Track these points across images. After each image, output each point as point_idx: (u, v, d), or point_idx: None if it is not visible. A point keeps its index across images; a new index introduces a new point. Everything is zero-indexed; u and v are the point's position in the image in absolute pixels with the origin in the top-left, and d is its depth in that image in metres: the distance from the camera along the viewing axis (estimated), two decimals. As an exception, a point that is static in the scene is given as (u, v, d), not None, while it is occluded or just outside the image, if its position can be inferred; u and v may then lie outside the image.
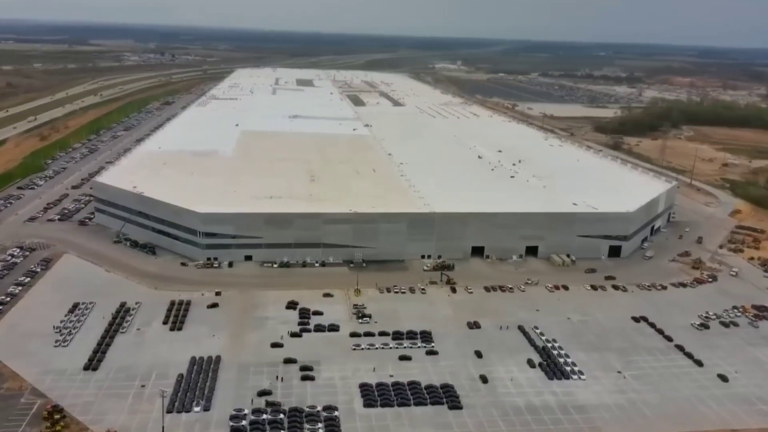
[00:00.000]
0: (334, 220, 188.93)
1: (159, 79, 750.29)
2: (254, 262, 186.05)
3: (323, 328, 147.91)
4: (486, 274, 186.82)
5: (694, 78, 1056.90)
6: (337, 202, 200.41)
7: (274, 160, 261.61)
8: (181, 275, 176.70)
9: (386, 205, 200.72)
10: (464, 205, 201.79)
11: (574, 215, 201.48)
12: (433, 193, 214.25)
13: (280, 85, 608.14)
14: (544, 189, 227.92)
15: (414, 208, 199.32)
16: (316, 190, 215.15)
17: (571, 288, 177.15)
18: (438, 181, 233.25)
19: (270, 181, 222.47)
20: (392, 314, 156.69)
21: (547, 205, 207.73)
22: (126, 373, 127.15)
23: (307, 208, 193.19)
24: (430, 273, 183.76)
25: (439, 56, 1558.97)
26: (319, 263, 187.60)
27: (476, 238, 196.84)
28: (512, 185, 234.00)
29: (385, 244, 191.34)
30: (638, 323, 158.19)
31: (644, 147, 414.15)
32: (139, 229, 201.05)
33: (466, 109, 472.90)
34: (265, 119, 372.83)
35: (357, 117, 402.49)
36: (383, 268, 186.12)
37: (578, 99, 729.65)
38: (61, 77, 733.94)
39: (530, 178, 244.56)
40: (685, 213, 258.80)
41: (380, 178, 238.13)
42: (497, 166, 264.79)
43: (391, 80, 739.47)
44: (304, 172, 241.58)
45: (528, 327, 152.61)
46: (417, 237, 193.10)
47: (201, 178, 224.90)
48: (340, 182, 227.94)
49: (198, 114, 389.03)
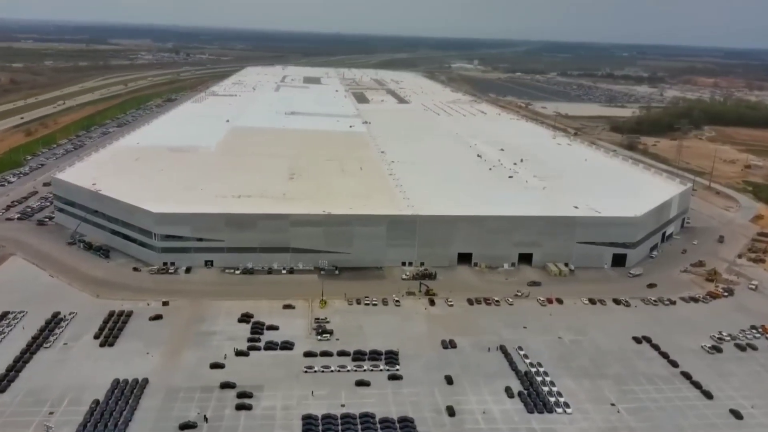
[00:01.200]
0: (303, 222, 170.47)
1: (167, 76, 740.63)
2: (215, 268, 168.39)
3: (275, 345, 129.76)
4: (472, 284, 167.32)
5: (719, 78, 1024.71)
6: (311, 202, 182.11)
7: (256, 156, 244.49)
8: (130, 282, 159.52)
9: (366, 206, 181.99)
10: (453, 208, 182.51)
11: (573, 219, 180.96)
12: (421, 194, 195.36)
13: (286, 83, 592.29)
14: (543, 190, 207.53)
15: (396, 209, 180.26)
16: (293, 189, 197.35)
17: (566, 301, 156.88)
18: (429, 181, 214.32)
19: (245, 179, 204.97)
20: (357, 330, 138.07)
21: (545, 208, 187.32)
22: (36, 397, 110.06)
23: (275, 209, 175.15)
24: (409, 282, 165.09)
25: (458, 56, 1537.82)
26: (286, 270, 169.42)
27: (464, 244, 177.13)
28: (509, 186, 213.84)
29: (361, 249, 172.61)
30: (640, 344, 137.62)
31: (662, 147, 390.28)
32: (95, 230, 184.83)
33: (474, 107, 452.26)
34: (259, 116, 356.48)
35: (357, 114, 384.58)
36: (358, 277, 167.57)
37: (596, 98, 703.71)
38: (70, 74, 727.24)
39: (530, 178, 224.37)
40: (701, 218, 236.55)
41: (366, 177, 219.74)
42: (496, 165, 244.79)
43: (402, 78, 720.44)
44: (285, 169, 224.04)
45: (511, 347, 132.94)
46: (397, 242, 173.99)
47: (170, 174, 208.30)
48: (322, 181, 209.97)
49: (190, 110, 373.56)
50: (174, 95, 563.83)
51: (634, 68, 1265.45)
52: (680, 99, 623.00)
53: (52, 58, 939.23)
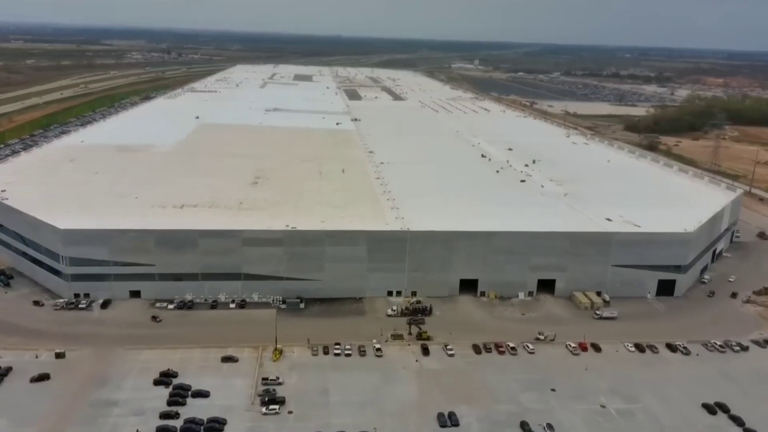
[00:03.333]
0: (259, 241, 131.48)
1: (151, 75, 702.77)
2: (143, 301, 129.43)
3: (197, 426, 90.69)
4: (478, 321, 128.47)
5: (728, 78, 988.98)
6: (274, 213, 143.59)
7: (219, 156, 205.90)
8: (23, 321, 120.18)
9: (343, 218, 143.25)
10: (453, 220, 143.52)
11: (608, 236, 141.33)
12: (413, 202, 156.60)
13: (274, 80, 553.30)
14: (564, 198, 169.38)
15: (381, 222, 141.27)
16: (254, 197, 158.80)
17: (605, 347, 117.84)
18: (424, 186, 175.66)
19: (197, 183, 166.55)
20: (320, 397, 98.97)
21: (569, 221, 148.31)
22: None
23: (224, 223, 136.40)
24: (396, 320, 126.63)
25: (458, 57, 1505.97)
26: (236, 303, 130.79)
27: (467, 268, 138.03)
28: (522, 192, 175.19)
29: (335, 275, 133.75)
30: (714, 416, 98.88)
31: (685, 148, 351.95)
32: (2, 249, 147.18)
33: (476, 104, 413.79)
34: (236, 112, 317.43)
35: (347, 111, 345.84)
36: (329, 312, 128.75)
37: (604, 97, 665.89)
38: (49, 73, 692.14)
39: (546, 182, 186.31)
40: (749, 230, 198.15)
41: (348, 181, 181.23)
42: (504, 167, 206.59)
43: (399, 76, 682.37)
44: (250, 171, 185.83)
45: (535, 423, 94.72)
46: (382, 266, 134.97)
47: (105, 179, 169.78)
48: (292, 186, 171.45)
49: (160, 106, 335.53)
50: (153, 93, 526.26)
51: (638, 68, 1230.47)
52: (695, 97, 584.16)
53: (36, 58, 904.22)
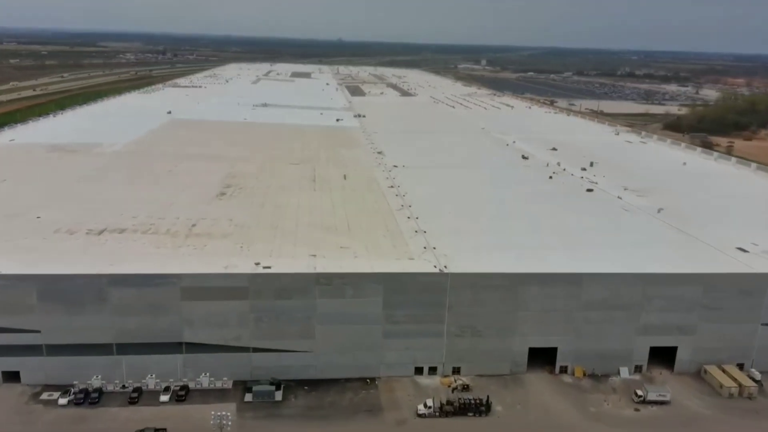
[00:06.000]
0: (210, 291, 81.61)
1: (138, 73, 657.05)
2: (21, 389, 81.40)
3: None
4: (559, 416, 79.80)
5: (748, 78, 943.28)
6: (239, 242, 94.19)
7: (182, 158, 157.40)
8: None
9: (345, 250, 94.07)
10: (510, 254, 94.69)
11: (763, 280, 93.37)
12: (446, 223, 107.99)
13: (269, 77, 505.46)
14: (658, 215, 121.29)
15: (403, 257, 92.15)
16: (216, 215, 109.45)
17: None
18: (456, 198, 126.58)
19: (140, 196, 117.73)
20: None
21: (689, 255, 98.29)
22: None
23: (157, 262, 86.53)
24: (432, 423, 78.53)
25: (462, 59, 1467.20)
26: (173, 392, 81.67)
27: (540, 330, 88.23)
28: (596, 208, 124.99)
29: (332, 343, 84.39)
30: None
31: (740, 149, 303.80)
32: None
33: (495, 100, 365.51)
34: (218, 108, 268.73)
35: (349, 107, 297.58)
36: (322, 407, 79.37)
37: (626, 96, 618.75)
38: (30, 72, 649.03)
39: (621, 192, 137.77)
40: None
41: (353, 191, 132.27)
42: (557, 171, 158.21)
43: (405, 74, 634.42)
44: (219, 179, 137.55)
45: None
46: (407, 328, 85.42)
47: (6, 188, 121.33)
48: (273, 199, 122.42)
49: (130, 101, 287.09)
50: (136, 90, 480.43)
51: (650, 69, 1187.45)
52: (732, 95, 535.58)
53: (22, 58, 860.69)
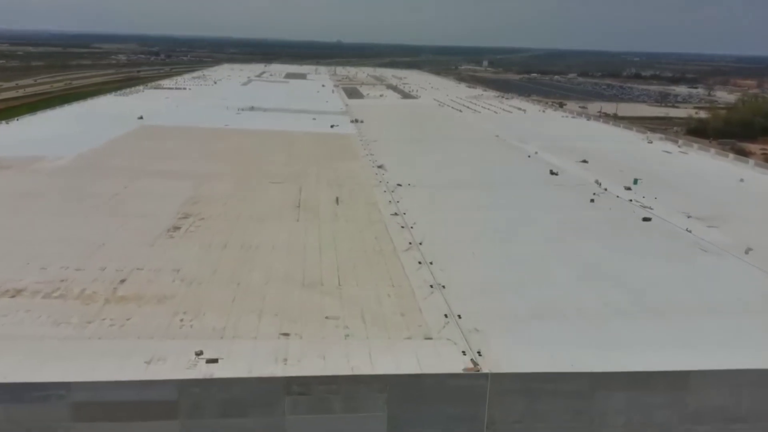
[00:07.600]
0: (114, 410, 53.55)
1: (125, 74, 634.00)
2: None
3: None
4: None
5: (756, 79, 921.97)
6: (180, 312, 63.68)
7: (138, 175, 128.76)
8: None
9: (327, 330, 64.07)
10: (571, 331, 60.31)
11: None
12: (470, 276, 74.62)
13: (262, 78, 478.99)
14: (748, 257, 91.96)
15: (415, 340, 61.83)
16: (159, 265, 76.94)
17: None
18: (479, 235, 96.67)
19: (63, 235, 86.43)
20: None
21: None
22: None
23: (32, 360, 52.39)
24: None
25: (463, 60, 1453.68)
26: None
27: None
28: (664, 247, 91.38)
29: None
30: None
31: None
32: None
33: (504, 103, 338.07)
34: (198, 112, 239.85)
35: (345, 111, 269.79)
36: None
37: (636, 98, 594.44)
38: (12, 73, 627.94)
39: (685, 221, 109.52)
40: None
41: (347, 221, 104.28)
42: (598, 192, 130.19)
43: (405, 75, 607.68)
44: (176, 205, 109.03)
45: None
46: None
47: None
48: (240, 237, 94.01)
49: (99, 105, 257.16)
50: (119, 92, 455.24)
51: (656, 70, 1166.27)
52: (752, 97, 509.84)
53: (7, 59, 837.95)
